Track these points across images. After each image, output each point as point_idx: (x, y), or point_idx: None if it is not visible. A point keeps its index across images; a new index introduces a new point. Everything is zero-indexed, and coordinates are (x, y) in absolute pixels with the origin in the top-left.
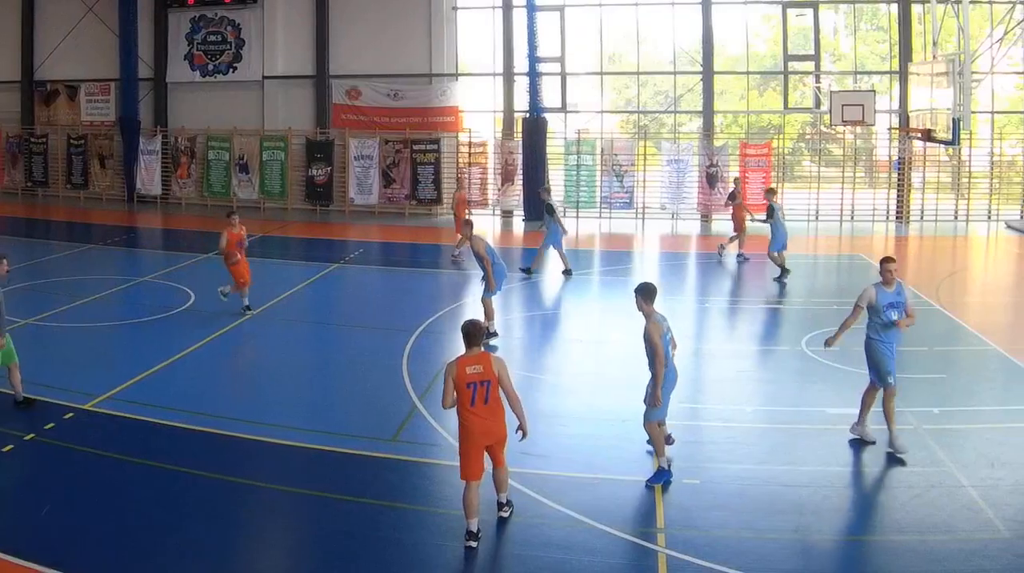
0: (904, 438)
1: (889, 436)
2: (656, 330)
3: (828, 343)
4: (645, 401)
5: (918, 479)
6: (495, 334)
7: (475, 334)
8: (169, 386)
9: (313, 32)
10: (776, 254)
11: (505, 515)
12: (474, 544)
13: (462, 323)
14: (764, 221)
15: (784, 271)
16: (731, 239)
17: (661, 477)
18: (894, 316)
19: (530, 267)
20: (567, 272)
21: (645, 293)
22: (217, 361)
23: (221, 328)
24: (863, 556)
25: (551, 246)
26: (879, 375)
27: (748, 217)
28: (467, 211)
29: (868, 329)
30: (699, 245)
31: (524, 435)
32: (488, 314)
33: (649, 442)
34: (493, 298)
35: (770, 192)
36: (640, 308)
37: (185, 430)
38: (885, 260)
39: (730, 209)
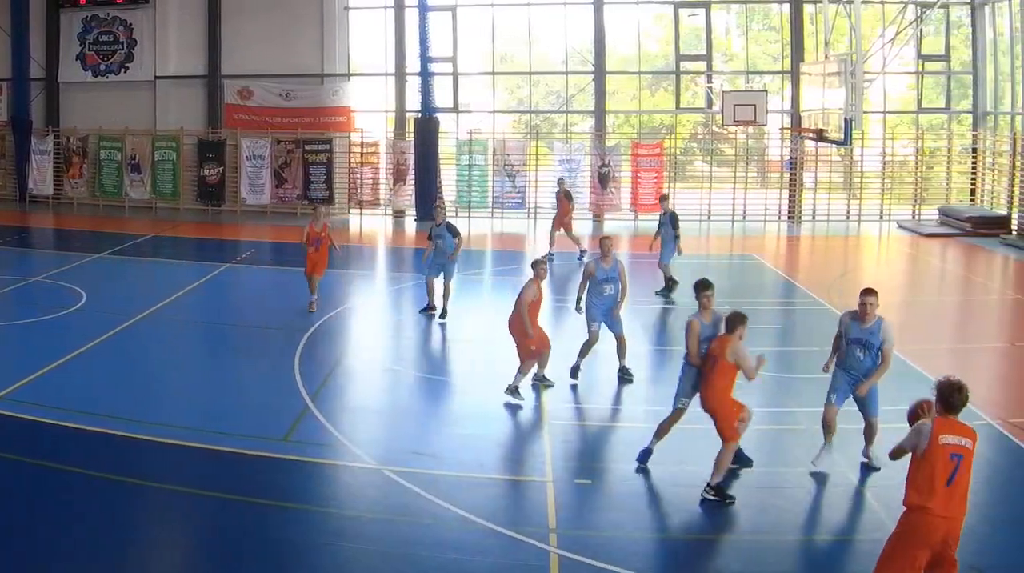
0: (826, 456)
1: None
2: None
3: (825, 368)
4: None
5: (811, 479)
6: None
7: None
8: (60, 386)
9: (205, 32)
10: (667, 265)
11: None
12: None
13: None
14: (676, 236)
15: (673, 283)
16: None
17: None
18: (859, 354)
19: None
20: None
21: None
22: (109, 361)
23: (113, 328)
24: (756, 555)
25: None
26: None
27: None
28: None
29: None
30: (592, 245)
31: None
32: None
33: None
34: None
35: (664, 199)
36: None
37: (76, 430)
38: (864, 292)
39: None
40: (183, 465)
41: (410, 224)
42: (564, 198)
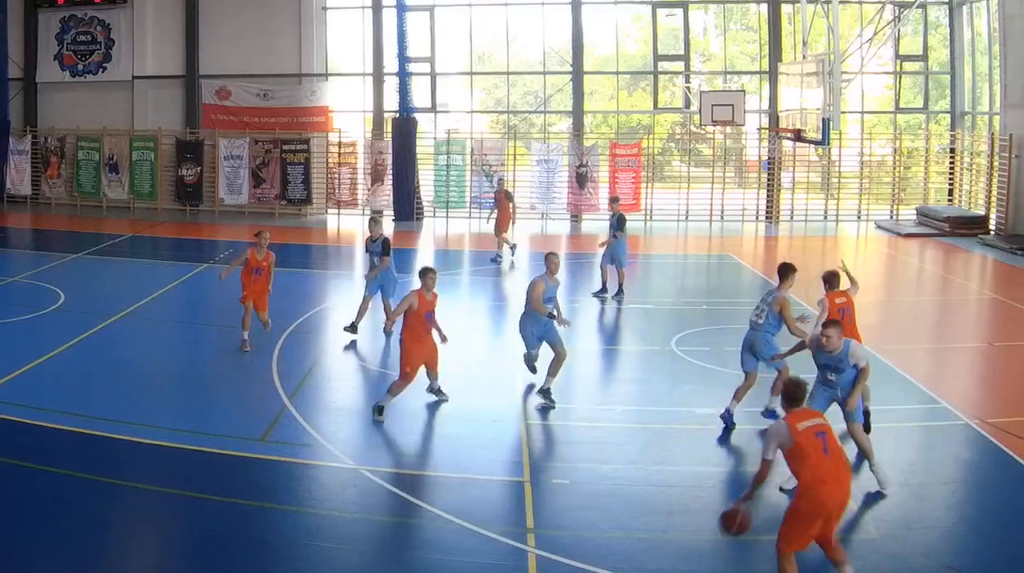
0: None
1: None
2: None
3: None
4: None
5: (786, 479)
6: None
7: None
8: (38, 386)
9: (183, 32)
10: (623, 269)
11: None
12: None
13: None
14: (614, 236)
15: (620, 290)
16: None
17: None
18: (832, 376)
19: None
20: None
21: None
22: (87, 361)
23: (91, 328)
24: (733, 556)
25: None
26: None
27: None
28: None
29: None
30: (569, 245)
31: None
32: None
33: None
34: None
35: (614, 201)
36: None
37: (55, 430)
38: (825, 325)
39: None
40: (161, 465)
41: (388, 224)
42: (505, 198)
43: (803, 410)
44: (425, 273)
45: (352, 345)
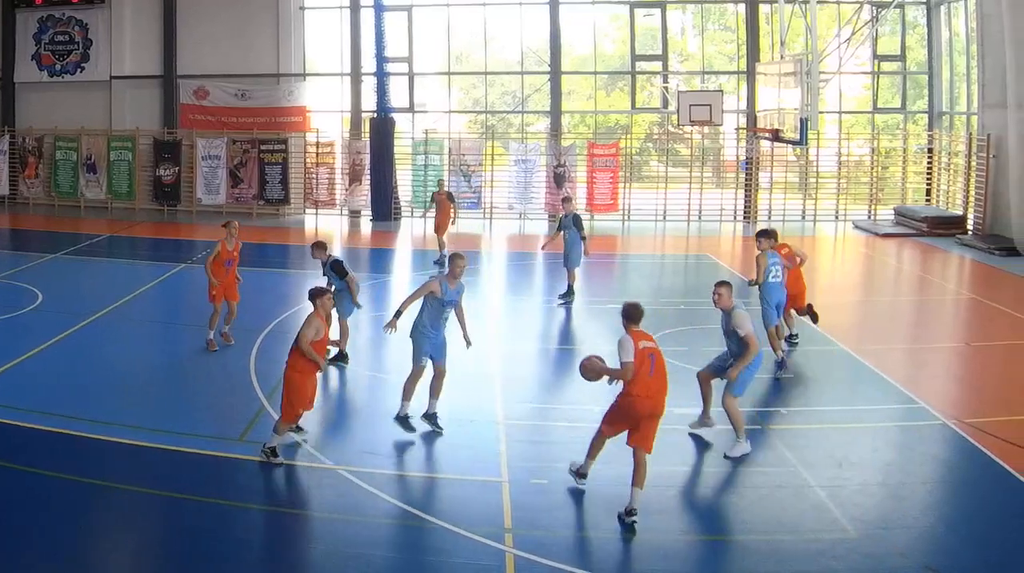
0: (750, 439)
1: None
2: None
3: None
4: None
5: (765, 479)
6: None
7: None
8: (16, 386)
9: (161, 32)
10: (573, 270)
11: None
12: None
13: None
14: (582, 238)
15: (569, 290)
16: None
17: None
18: (727, 342)
19: None
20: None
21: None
22: (65, 361)
23: (69, 328)
24: (711, 556)
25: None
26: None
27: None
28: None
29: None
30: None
31: None
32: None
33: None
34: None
35: (566, 201)
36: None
37: (32, 430)
38: (716, 283)
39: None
40: (139, 465)
41: (366, 224)
42: (446, 200)
43: (642, 331)
44: (315, 295)
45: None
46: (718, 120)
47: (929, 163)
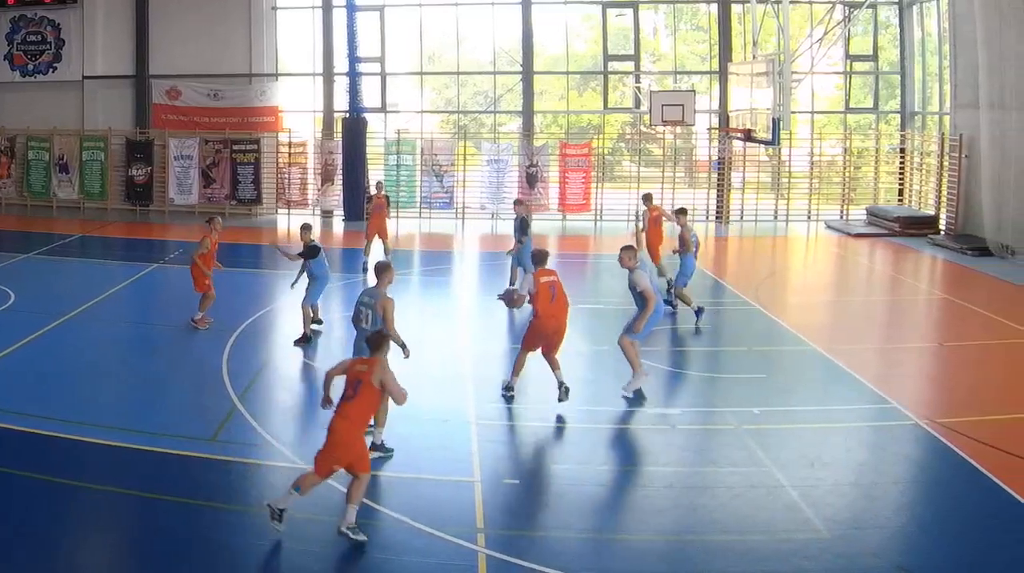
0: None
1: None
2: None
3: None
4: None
5: (738, 479)
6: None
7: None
8: None
9: (133, 32)
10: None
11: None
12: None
13: None
14: (519, 240)
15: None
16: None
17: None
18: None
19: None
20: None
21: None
22: (37, 361)
23: (41, 328)
24: (684, 556)
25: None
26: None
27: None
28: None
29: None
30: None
31: None
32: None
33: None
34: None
35: (518, 203)
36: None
37: (5, 430)
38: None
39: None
40: (110, 465)
41: (338, 224)
42: (387, 202)
43: (545, 269)
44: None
45: (302, 345)
46: (690, 120)
47: (901, 163)
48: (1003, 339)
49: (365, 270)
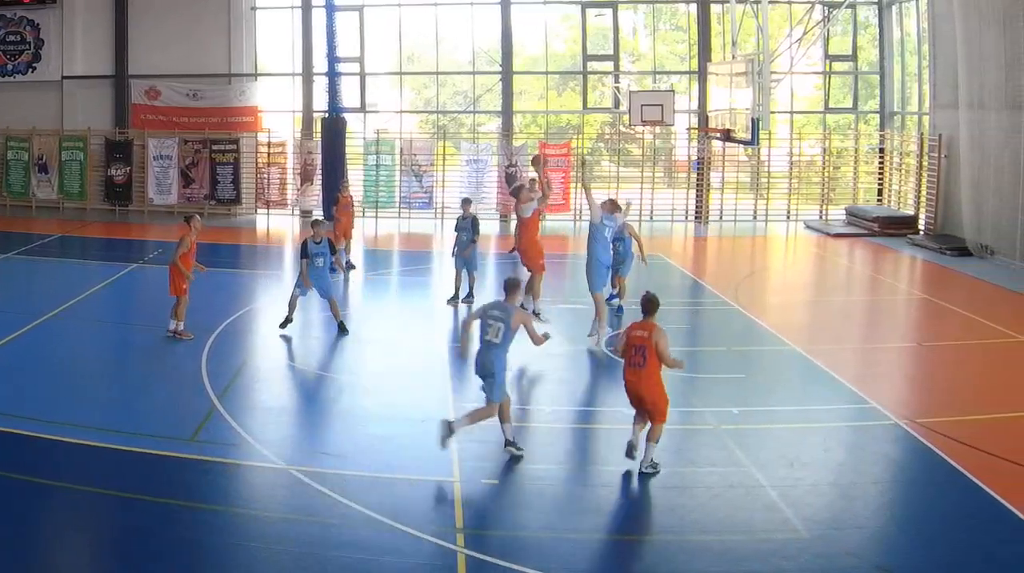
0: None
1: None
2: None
3: None
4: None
5: (717, 479)
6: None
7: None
8: None
9: (112, 32)
10: (475, 273)
11: None
12: None
13: None
14: (472, 241)
15: (469, 293)
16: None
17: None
18: None
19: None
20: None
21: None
22: (16, 361)
23: (20, 328)
24: (663, 556)
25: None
26: None
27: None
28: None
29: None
30: (498, 245)
31: None
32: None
33: None
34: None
35: (467, 202)
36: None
37: None
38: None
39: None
40: (89, 465)
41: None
42: (352, 203)
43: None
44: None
45: (281, 344)
46: (669, 120)
47: (880, 163)
48: (982, 339)
49: (352, 268)
